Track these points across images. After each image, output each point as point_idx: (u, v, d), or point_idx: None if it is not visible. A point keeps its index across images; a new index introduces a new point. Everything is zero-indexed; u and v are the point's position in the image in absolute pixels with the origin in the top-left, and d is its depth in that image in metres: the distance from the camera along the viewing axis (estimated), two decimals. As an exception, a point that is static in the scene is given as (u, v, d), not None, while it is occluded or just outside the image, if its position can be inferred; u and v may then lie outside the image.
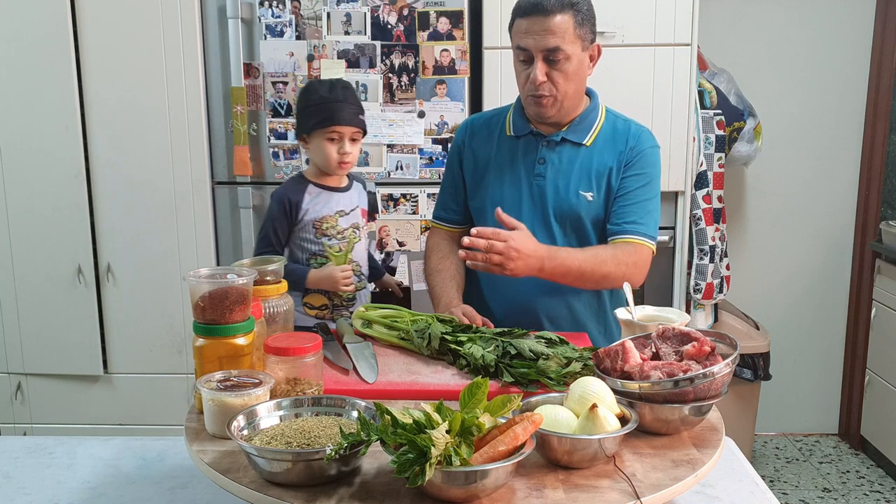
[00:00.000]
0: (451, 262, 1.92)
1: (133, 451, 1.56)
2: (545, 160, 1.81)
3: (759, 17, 3.38)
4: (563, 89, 1.72)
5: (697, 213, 2.90)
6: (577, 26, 1.68)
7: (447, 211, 1.98)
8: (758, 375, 3.04)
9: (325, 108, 1.88)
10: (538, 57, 1.69)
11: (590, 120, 1.82)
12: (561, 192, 1.80)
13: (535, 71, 1.69)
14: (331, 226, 1.94)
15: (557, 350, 1.44)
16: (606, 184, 1.80)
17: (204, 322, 1.27)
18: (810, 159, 3.48)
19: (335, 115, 1.87)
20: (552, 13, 1.65)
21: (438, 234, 2.00)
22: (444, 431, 1.00)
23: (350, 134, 1.91)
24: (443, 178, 2.01)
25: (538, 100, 1.74)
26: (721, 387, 1.21)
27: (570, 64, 1.70)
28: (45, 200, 2.79)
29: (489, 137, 1.90)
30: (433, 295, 1.89)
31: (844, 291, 3.57)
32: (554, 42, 1.67)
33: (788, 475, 3.27)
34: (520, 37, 1.71)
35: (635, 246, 1.78)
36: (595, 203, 1.80)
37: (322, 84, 1.93)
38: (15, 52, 2.71)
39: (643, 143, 1.81)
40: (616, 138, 1.81)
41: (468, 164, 1.91)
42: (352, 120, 1.90)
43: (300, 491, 1.03)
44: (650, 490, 1.05)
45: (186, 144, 2.75)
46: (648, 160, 1.81)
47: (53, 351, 2.90)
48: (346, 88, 1.93)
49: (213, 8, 2.69)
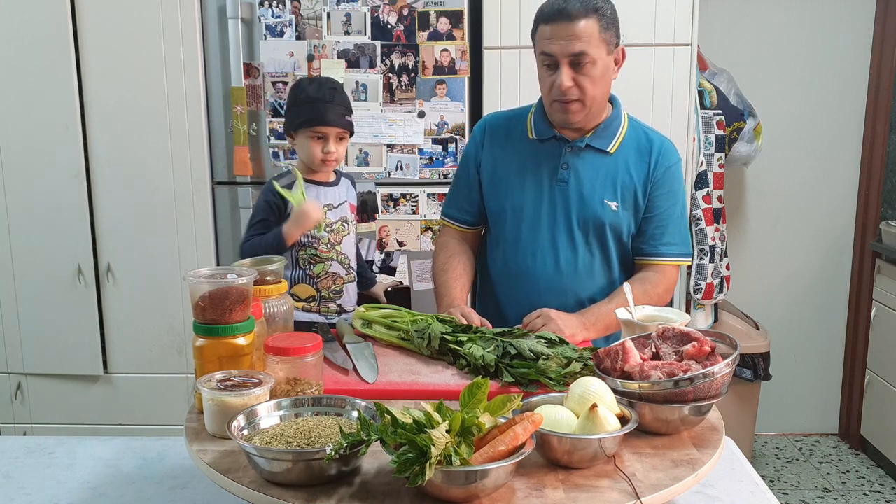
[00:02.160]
0: (459, 262, 1.91)
1: (133, 451, 1.56)
2: (569, 165, 1.80)
3: (759, 17, 3.38)
4: (590, 94, 1.71)
5: (697, 213, 2.90)
6: (601, 30, 1.67)
7: (460, 210, 1.96)
8: (758, 375, 3.04)
9: (312, 108, 1.88)
10: (564, 62, 1.68)
11: (613, 127, 1.82)
12: (586, 199, 1.79)
13: (562, 76, 1.68)
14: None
15: (557, 350, 1.44)
16: (633, 199, 1.80)
17: (204, 322, 1.27)
18: (810, 159, 3.48)
19: (321, 116, 1.88)
20: (577, 18, 1.65)
21: (449, 232, 1.98)
22: (444, 431, 1.00)
23: (335, 134, 1.91)
24: (456, 176, 1.99)
25: (565, 105, 1.73)
26: (721, 387, 1.21)
27: (596, 68, 1.69)
28: (45, 200, 2.79)
29: (508, 138, 1.88)
30: (438, 294, 1.88)
31: (844, 291, 3.57)
32: (579, 47, 1.66)
33: (788, 475, 3.27)
34: (544, 43, 1.70)
35: (663, 271, 1.82)
36: (619, 214, 1.79)
37: (311, 83, 1.93)
38: (15, 52, 2.71)
39: (669, 159, 1.81)
40: (640, 150, 1.81)
41: (486, 164, 1.90)
42: (337, 121, 1.90)
43: (300, 491, 1.03)
44: (650, 490, 1.05)
45: (186, 144, 2.75)
46: (675, 177, 1.83)
47: (53, 351, 2.90)
48: (333, 89, 1.92)
49: (213, 8, 2.69)
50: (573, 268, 1.81)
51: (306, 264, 1.94)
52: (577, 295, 1.81)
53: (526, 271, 1.83)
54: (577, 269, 1.81)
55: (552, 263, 1.81)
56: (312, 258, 1.94)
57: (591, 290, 1.83)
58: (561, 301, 1.79)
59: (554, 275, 1.81)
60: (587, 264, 1.81)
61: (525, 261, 1.83)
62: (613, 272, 1.84)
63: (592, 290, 1.83)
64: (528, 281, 1.83)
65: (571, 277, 1.81)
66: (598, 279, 1.83)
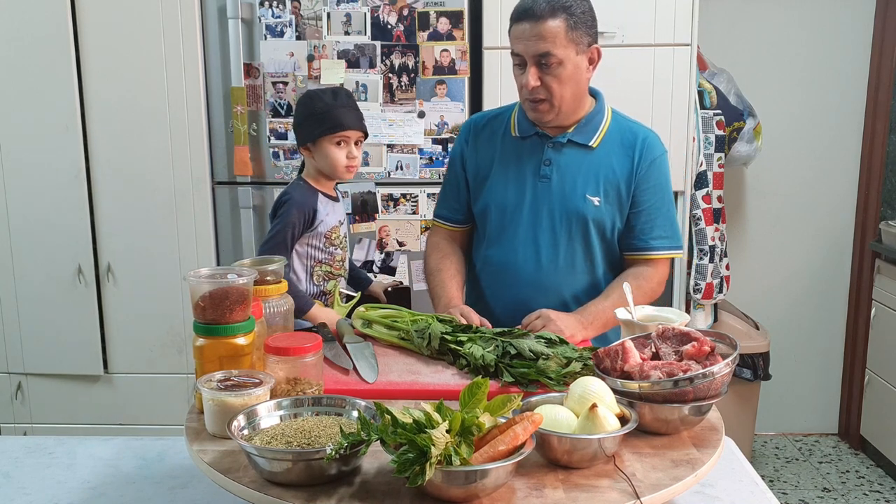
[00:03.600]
0: (452, 262, 1.92)
1: (133, 451, 1.56)
2: (551, 161, 1.81)
3: (759, 17, 3.38)
4: (557, 94, 1.71)
5: (697, 213, 2.90)
6: (569, 30, 1.67)
7: (450, 210, 1.98)
8: (758, 375, 3.04)
9: (332, 115, 1.88)
10: (530, 62, 1.69)
11: (596, 122, 1.82)
12: (567, 194, 1.79)
13: (528, 76, 1.70)
14: (337, 235, 1.95)
15: (557, 350, 1.44)
16: (616, 194, 1.80)
17: (204, 322, 1.27)
18: (810, 159, 3.47)
19: (343, 121, 1.89)
20: (542, 18, 1.65)
21: (439, 233, 2.00)
22: (444, 431, 1.00)
23: (356, 138, 1.93)
24: (445, 177, 2.01)
25: (534, 105, 1.74)
26: (721, 387, 1.21)
27: (564, 69, 1.69)
28: (45, 200, 2.79)
29: (492, 137, 1.90)
30: (433, 294, 1.89)
31: (844, 291, 3.57)
32: (544, 47, 1.66)
33: (788, 475, 3.27)
34: (514, 42, 1.72)
35: (655, 264, 1.83)
36: (601, 209, 1.79)
37: (325, 92, 1.94)
38: (15, 52, 2.71)
39: (654, 152, 1.81)
40: (624, 144, 1.81)
41: (471, 163, 1.91)
42: (358, 124, 1.92)
43: (300, 491, 1.03)
44: (650, 490, 1.05)
45: (186, 144, 2.75)
46: (661, 169, 1.82)
47: (53, 351, 2.90)
48: (348, 95, 1.95)
49: (213, 8, 2.69)
50: (554, 264, 1.82)
51: (321, 280, 1.94)
52: (558, 291, 1.82)
53: (508, 267, 1.84)
54: (559, 265, 1.82)
55: (533, 259, 1.82)
56: (328, 274, 1.94)
57: (574, 285, 1.84)
58: (543, 296, 1.81)
59: (535, 270, 1.82)
60: (569, 260, 1.82)
61: (507, 257, 1.84)
62: (597, 268, 1.84)
63: (575, 286, 1.84)
64: (511, 277, 1.84)
65: (553, 273, 1.82)
66: (581, 275, 1.83)
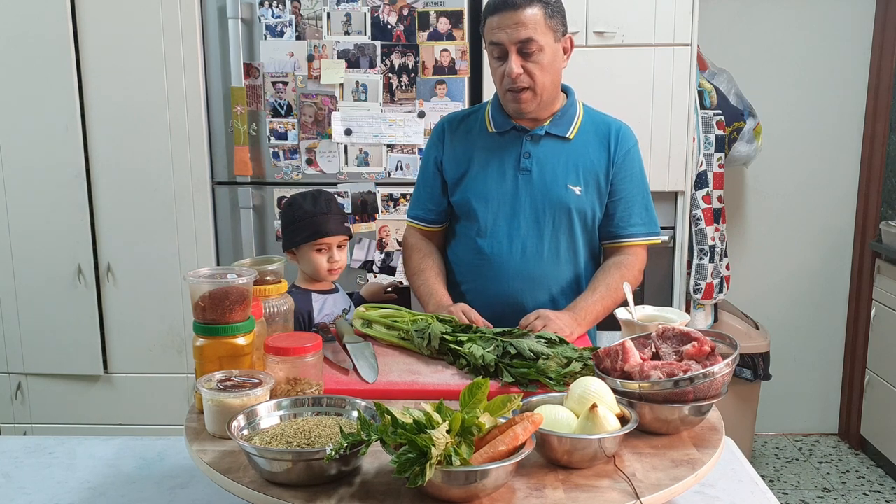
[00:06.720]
0: (433, 261, 1.94)
1: (133, 451, 1.56)
2: (530, 154, 1.83)
3: (759, 17, 3.38)
4: (539, 81, 1.74)
5: (697, 213, 2.90)
6: (547, 17, 1.70)
7: (424, 210, 1.98)
8: (758, 375, 3.04)
9: (312, 223, 1.91)
10: (512, 50, 1.71)
11: (570, 114, 1.86)
12: (549, 185, 1.82)
13: (511, 64, 1.71)
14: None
15: (557, 350, 1.44)
16: (595, 182, 1.83)
17: (204, 322, 1.27)
18: (810, 159, 3.48)
19: (322, 228, 1.91)
20: (522, 7, 1.68)
21: (415, 233, 2.01)
22: (444, 431, 1.00)
23: (337, 242, 1.95)
24: (418, 178, 2.02)
25: (517, 95, 1.76)
26: (721, 387, 1.21)
27: (545, 55, 1.72)
28: (45, 200, 2.79)
29: (468, 135, 1.91)
30: (420, 294, 1.90)
31: (844, 291, 3.57)
32: (526, 34, 1.69)
33: (788, 475, 3.27)
34: (492, 33, 1.73)
35: (635, 252, 1.87)
36: (582, 198, 1.82)
37: (305, 198, 1.95)
38: (15, 52, 2.71)
39: (628, 142, 1.86)
40: (599, 135, 1.85)
41: (448, 163, 1.92)
42: (338, 230, 1.94)
43: (300, 491, 1.03)
44: (650, 490, 1.05)
45: (186, 144, 2.75)
46: (635, 159, 1.87)
47: (53, 351, 2.90)
48: (328, 200, 1.96)
49: (213, 8, 2.69)
50: (539, 255, 1.83)
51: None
52: (544, 282, 1.84)
53: (493, 260, 1.85)
54: (544, 257, 1.83)
55: (519, 251, 1.83)
56: None
57: (558, 276, 1.85)
58: (528, 288, 1.83)
59: (521, 262, 1.83)
60: (553, 251, 1.84)
61: (492, 250, 1.85)
62: (579, 259, 1.86)
63: (559, 277, 1.85)
64: (496, 269, 1.85)
65: (537, 264, 1.83)
66: (565, 265, 1.85)
